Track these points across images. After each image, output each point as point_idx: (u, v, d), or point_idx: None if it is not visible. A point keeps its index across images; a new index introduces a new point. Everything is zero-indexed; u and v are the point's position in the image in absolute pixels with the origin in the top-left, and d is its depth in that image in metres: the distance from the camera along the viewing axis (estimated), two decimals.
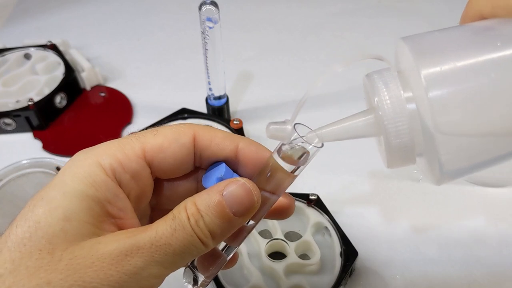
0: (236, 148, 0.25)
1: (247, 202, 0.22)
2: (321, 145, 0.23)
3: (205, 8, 0.44)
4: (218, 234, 0.22)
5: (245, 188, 0.22)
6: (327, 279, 0.40)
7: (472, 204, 0.48)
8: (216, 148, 0.25)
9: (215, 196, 0.22)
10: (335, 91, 0.61)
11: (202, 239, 0.22)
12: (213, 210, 0.22)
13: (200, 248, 0.22)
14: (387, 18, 0.73)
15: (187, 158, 0.25)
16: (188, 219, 0.22)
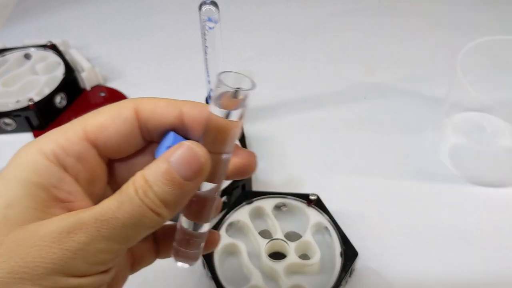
0: (180, 113, 0.24)
1: (195, 165, 0.22)
2: (252, 84, 0.22)
3: (205, 8, 0.44)
4: (171, 202, 0.22)
5: (191, 151, 0.22)
6: (327, 279, 0.40)
7: (472, 204, 0.48)
8: (160, 117, 0.24)
9: (162, 165, 0.21)
10: (335, 91, 0.61)
11: (154, 209, 0.21)
12: (161, 178, 0.21)
13: (154, 219, 0.22)
14: (387, 18, 0.73)
15: (132, 132, 0.24)
16: (136, 192, 0.21)
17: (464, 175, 0.50)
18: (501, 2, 0.76)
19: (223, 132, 0.22)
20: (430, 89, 0.61)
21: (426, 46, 0.68)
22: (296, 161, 0.52)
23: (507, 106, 0.52)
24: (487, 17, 0.73)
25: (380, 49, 0.67)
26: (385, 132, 0.55)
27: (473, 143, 0.51)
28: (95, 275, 0.21)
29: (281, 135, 0.55)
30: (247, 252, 0.42)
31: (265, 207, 0.44)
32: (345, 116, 0.57)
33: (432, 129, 0.55)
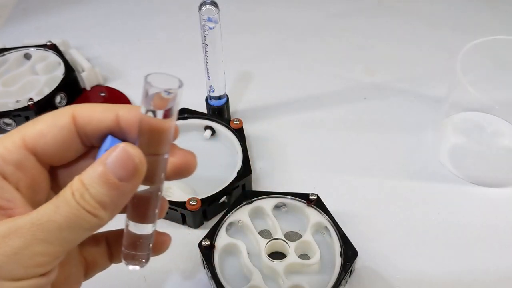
0: (116, 117, 0.25)
1: (129, 165, 0.22)
2: (180, 83, 0.22)
3: (205, 8, 0.44)
4: (108, 203, 0.22)
5: (125, 152, 0.22)
6: (327, 279, 0.40)
7: (472, 204, 0.48)
8: (97, 121, 0.24)
9: (98, 167, 0.22)
10: (335, 91, 0.61)
11: (91, 211, 0.22)
12: (97, 180, 0.22)
13: (91, 221, 0.22)
14: (387, 18, 0.73)
15: (70, 139, 0.24)
16: (73, 194, 0.22)
17: (464, 175, 0.50)
18: (501, 2, 0.76)
19: (157, 132, 0.23)
20: (430, 89, 0.61)
21: (426, 46, 0.68)
22: (296, 161, 0.52)
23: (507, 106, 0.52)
24: (487, 17, 0.73)
25: (380, 49, 0.67)
26: (385, 132, 0.55)
27: (473, 143, 0.51)
28: (33, 278, 0.22)
29: (281, 135, 0.55)
30: (247, 252, 0.42)
31: (265, 207, 0.44)
32: (345, 116, 0.57)
33: (432, 129, 0.55)
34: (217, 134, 0.53)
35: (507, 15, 0.73)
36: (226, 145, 0.53)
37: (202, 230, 0.46)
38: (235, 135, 0.51)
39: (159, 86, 0.21)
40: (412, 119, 0.57)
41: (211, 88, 0.52)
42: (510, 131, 0.54)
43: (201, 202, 0.44)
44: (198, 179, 0.50)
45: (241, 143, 0.50)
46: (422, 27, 0.71)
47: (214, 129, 0.53)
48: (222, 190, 0.46)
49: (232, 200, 0.45)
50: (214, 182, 0.48)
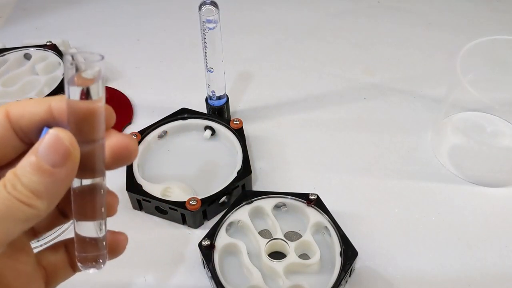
0: (49, 108, 0.24)
1: (60, 149, 0.21)
2: (101, 57, 0.21)
3: (205, 8, 0.44)
4: (43, 191, 0.21)
5: (54, 137, 0.21)
6: (327, 279, 0.40)
7: (472, 204, 0.48)
8: (30, 115, 0.24)
9: (30, 157, 0.21)
10: (335, 91, 0.61)
11: (24, 201, 0.21)
12: (29, 169, 0.21)
13: (26, 211, 0.21)
14: (387, 18, 0.73)
15: (6, 136, 0.24)
16: (4, 186, 0.21)
17: (464, 175, 0.50)
18: (501, 2, 0.76)
19: (84, 115, 0.22)
20: (429, 89, 0.61)
21: (426, 46, 0.68)
22: (296, 161, 0.52)
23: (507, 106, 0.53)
24: (487, 17, 0.73)
25: (379, 49, 0.67)
26: (385, 132, 0.55)
27: (473, 143, 0.51)
28: None
29: (281, 135, 0.55)
30: (247, 252, 0.42)
31: (265, 207, 0.44)
32: (345, 116, 0.58)
33: (431, 129, 0.55)
34: (217, 134, 0.53)
35: (507, 15, 0.73)
36: (226, 145, 0.53)
37: (202, 230, 0.46)
38: (235, 135, 0.51)
39: (78, 62, 0.21)
40: (412, 119, 0.57)
41: (211, 88, 0.52)
42: (510, 131, 0.54)
43: (201, 202, 0.44)
44: (198, 179, 0.50)
45: (241, 143, 0.50)
46: (422, 27, 0.71)
47: (214, 129, 0.53)
48: (222, 190, 0.46)
49: (232, 200, 0.46)
50: (214, 182, 0.48)
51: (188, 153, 0.53)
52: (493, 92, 0.49)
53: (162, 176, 0.50)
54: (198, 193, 0.48)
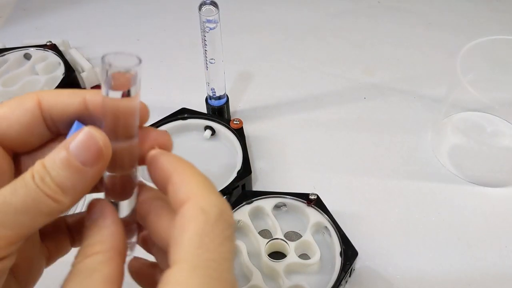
0: (83, 100, 0.24)
1: (93, 149, 0.21)
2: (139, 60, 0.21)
3: (205, 8, 0.44)
4: (69, 187, 0.21)
5: (89, 135, 0.21)
6: (327, 279, 0.40)
7: (471, 204, 0.48)
8: (63, 105, 0.24)
9: (61, 151, 0.21)
10: (335, 91, 0.61)
11: (50, 194, 0.21)
12: (59, 164, 0.21)
13: (51, 205, 0.21)
14: (387, 18, 0.73)
15: (34, 123, 0.24)
16: (33, 177, 0.21)
17: (464, 175, 0.50)
18: (501, 2, 0.76)
19: (120, 114, 0.22)
20: (429, 89, 0.61)
21: (426, 46, 0.68)
22: (296, 161, 0.52)
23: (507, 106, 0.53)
24: (487, 17, 0.73)
25: (379, 49, 0.67)
26: (384, 132, 0.55)
27: (473, 143, 0.51)
28: None
29: (281, 135, 0.55)
30: (247, 251, 0.42)
31: (265, 207, 0.44)
32: (345, 116, 0.58)
33: (431, 129, 0.55)
34: (217, 134, 0.53)
35: (507, 15, 0.73)
36: (226, 145, 0.53)
37: None
38: (235, 135, 0.51)
39: (117, 65, 0.21)
40: (412, 119, 0.57)
41: (211, 88, 0.52)
42: (510, 131, 0.54)
43: None
44: None
45: (241, 143, 0.50)
46: (422, 27, 0.71)
47: (214, 129, 0.53)
48: (222, 190, 0.46)
49: (232, 200, 0.46)
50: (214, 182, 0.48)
51: (188, 153, 0.53)
52: (493, 92, 0.49)
53: None
54: None
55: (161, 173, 0.24)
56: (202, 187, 0.22)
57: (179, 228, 0.21)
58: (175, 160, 0.24)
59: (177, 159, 0.24)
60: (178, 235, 0.21)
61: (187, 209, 0.22)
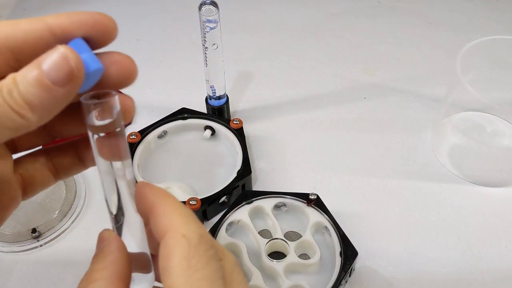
0: (46, 26, 0.24)
1: (65, 69, 0.21)
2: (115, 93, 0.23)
3: (205, 8, 0.44)
4: (37, 105, 0.21)
5: (61, 55, 0.21)
6: (327, 279, 0.40)
7: (471, 204, 0.48)
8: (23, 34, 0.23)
9: (33, 69, 0.21)
10: (334, 91, 0.61)
11: (17, 110, 0.21)
12: (30, 80, 0.21)
13: (16, 120, 0.21)
14: (387, 18, 0.73)
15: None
16: (1, 91, 0.21)
17: (464, 175, 0.50)
18: (501, 2, 0.76)
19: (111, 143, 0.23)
20: (429, 89, 0.61)
21: (426, 46, 0.68)
22: (296, 161, 0.52)
23: (507, 106, 0.53)
24: (487, 17, 0.73)
25: (379, 49, 0.67)
26: (384, 132, 0.55)
27: (473, 143, 0.51)
28: None
29: (281, 135, 0.55)
30: (247, 251, 0.42)
31: (265, 206, 0.44)
32: (344, 116, 0.58)
33: (432, 129, 0.55)
34: (217, 134, 0.53)
35: (507, 15, 0.73)
36: (226, 145, 0.53)
37: None
38: (235, 135, 0.51)
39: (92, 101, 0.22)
40: (412, 119, 0.57)
41: (211, 88, 0.52)
42: (510, 131, 0.54)
43: (201, 202, 0.44)
44: (198, 179, 0.50)
45: (241, 143, 0.50)
46: (421, 27, 0.71)
47: (214, 129, 0.53)
48: (222, 190, 0.46)
49: (232, 200, 0.46)
50: (214, 182, 0.48)
51: (188, 153, 0.53)
52: (493, 92, 0.49)
53: (162, 176, 0.50)
54: (198, 193, 0.48)
55: (144, 205, 0.24)
56: (181, 217, 0.23)
57: (164, 257, 0.22)
58: (157, 193, 0.24)
59: (159, 191, 0.25)
60: (166, 263, 0.22)
61: (169, 237, 0.22)
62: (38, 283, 0.43)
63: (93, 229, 0.47)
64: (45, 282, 0.43)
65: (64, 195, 0.48)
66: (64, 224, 0.46)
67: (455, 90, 0.50)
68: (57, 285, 0.43)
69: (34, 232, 0.45)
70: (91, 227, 0.47)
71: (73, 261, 0.44)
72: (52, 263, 0.44)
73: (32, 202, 0.48)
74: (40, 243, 0.45)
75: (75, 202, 0.48)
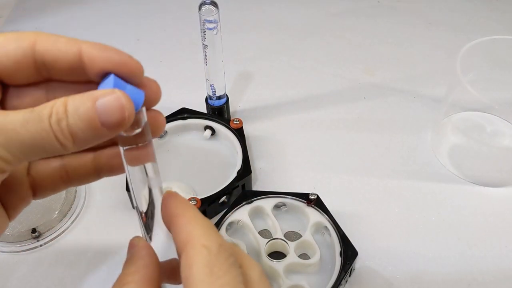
0: (79, 51, 0.24)
1: (118, 115, 0.22)
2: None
3: (204, 8, 0.44)
4: (81, 139, 0.22)
5: (118, 100, 0.22)
6: (327, 279, 0.40)
7: (471, 204, 0.48)
8: (58, 52, 0.24)
9: (87, 102, 0.21)
10: (334, 91, 0.61)
11: (60, 139, 0.21)
12: (81, 115, 0.21)
13: (55, 147, 0.21)
14: (387, 18, 0.73)
15: (24, 61, 0.24)
16: (50, 116, 0.21)
17: (464, 175, 0.50)
18: (501, 2, 0.76)
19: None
20: (429, 89, 0.61)
21: (426, 46, 0.68)
22: (296, 161, 0.52)
23: (507, 106, 0.53)
24: (487, 17, 0.73)
25: (379, 49, 0.67)
26: (384, 132, 0.55)
27: (473, 143, 0.51)
28: None
29: (281, 135, 0.55)
30: (247, 251, 0.42)
31: (265, 206, 0.44)
32: (344, 116, 0.58)
33: (431, 129, 0.55)
34: (217, 134, 0.53)
35: (507, 15, 0.73)
36: (226, 145, 0.53)
37: None
38: (235, 135, 0.51)
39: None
40: (412, 119, 0.57)
41: (211, 88, 0.52)
42: (510, 131, 0.54)
43: (201, 202, 0.44)
44: (198, 179, 0.50)
45: (241, 143, 0.50)
46: (421, 27, 0.71)
47: (214, 129, 0.53)
48: (222, 190, 0.46)
49: (232, 200, 0.46)
50: (214, 182, 0.48)
51: (188, 153, 0.53)
52: (493, 92, 0.49)
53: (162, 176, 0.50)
54: (198, 193, 0.48)
55: (167, 216, 0.25)
56: (201, 228, 0.24)
57: (186, 266, 0.23)
58: (179, 204, 0.25)
59: (180, 202, 0.26)
60: (188, 272, 0.22)
61: (190, 248, 0.23)
62: (38, 283, 0.43)
63: (93, 229, 0.47)
64: (45, 282, 0.43)
65: (64, 195, 0.48)
66: (64, 224, 0.46)
67: (455, 90, 0.50)
68: (57, 285, 0.43)
69: (34, 232, 0.45)
70: (91, 227, 0.47)
71: (73, 261, 0.44)
72: (52, 263, 0.44)
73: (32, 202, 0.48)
74: (40, 243, 0.45)
75: (75, 202, 0.48)
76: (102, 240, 0.46)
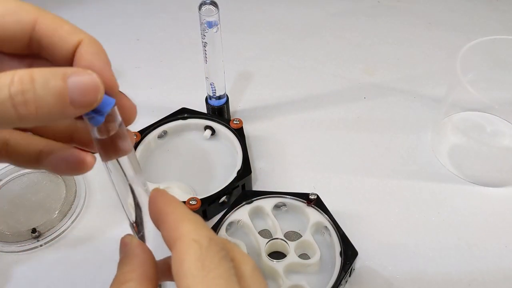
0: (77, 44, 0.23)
1: (91, 96, 0.21)
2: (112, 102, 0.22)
3: (204, 8, 0.44)
4: (44, 113, 0.20)
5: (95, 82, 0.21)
6: (327, 279, 0.40)
7: (471, 204, 0.48)
8: (58, 40, 0.23)
9: (58, 77, 0.20)
10: (334, 91, 0.61)
11: (20, 110, 0.19)
12: (52, 88, 0.20)
13: (10, 118, 0.19)
14: (387, 18, 0.73)
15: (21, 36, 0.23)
16: (11, 83, 0.19)
17: (464, 175, 0.50)
18: (501, 2, 0.76)
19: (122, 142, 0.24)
20: (429, 89, 0.61)
21: (426, 46, 0.68)
22: (296, 161, 0.52)
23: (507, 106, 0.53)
24: (487, 17, 0.73)
25: (379, 49, 0.67)
26: (384, 132, 0.55)
27: (473, 143, 0.51)
28: None
29: (281, 135, 0.55)
30: (247, 251, 0.42)
31: (265, 206, 0.44)
32: (344, 116, 0.58)
33: (431, 129, 0.55)
34: (217, 134, 0.53)
35: (507, 15, 0.73)
36: (226, 145, 0.53)
37: None
38: (235, 135, 0.51)
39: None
40: (412, 119, 0.57)
41: (211, 88, 0.52)
42: (510, 131, 0.54)
43: (201, 202, 0.44)
44: (198, 179, 0.50)
45: (241, 143, 0.50)
46: (421, 27, 0.71)
47: (214, 129, 0.53)
48: (222, 190, 0.46)
49: (232, 200, 0.46)
50: (214, 182, 0.48)
51: (188, 153, 0.53)
52: (493, 92, 0.49)
53: (162, 176, 0.50)
54: (198, 193, 0.48)
55: (155, 215, 0.25)
56: (191, 224, 0.24)
57: (177, 262, 0.22)
58: (167, 202, 0.25)
59: (168, 200, 0.25)
60: (179, 267, 0.22)
61: (180, 243, 0.23)
62: (38, 283, 0.43)
63: (93, 229, 0.47)
64: (45, 282, 0.43)
65: (64, 195, 0.48)
66: (64, 224, 0.46)
67: (455, 90, 0.50)
68: (57, 285, 0.43)
69: (34, 232, 0.45)
70: (91, 227, 0.47)
71: (73, 261, 0.44)
72: (52, 263, 0.44)
73: (32, 202, 0.48)
74: (40, 243, 0.45)
75: (75, 202, 0.48)
76: (102, 240, 0.46)
